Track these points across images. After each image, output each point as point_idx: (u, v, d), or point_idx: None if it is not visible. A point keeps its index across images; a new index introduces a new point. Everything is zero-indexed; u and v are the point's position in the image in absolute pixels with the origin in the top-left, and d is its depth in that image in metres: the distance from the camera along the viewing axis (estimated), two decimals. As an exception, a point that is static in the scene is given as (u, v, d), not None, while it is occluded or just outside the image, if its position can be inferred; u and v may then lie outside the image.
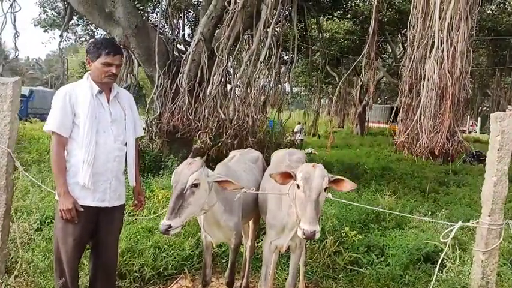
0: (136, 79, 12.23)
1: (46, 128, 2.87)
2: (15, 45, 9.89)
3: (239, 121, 7.87)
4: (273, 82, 9.27)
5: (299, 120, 19.54)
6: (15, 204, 4.34)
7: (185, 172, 2.77)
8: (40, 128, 2.89)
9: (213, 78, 7.90)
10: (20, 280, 3.38)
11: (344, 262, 4.49)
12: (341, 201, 3.73)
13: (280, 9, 8.21)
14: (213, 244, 3.49)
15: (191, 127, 7.94)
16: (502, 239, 3.22)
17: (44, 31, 16.75)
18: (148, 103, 9.30)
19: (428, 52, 6.19)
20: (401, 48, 23.81)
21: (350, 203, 4.34)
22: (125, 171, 3.11)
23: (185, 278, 4.13)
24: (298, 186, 2.78)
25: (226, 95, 8.68)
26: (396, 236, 5.19)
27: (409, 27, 6.87)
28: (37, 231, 4.29)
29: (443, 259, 3.37)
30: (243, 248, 4.24)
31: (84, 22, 15.80)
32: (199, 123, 7.89)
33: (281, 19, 9.72)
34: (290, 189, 2.95)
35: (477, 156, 14.74)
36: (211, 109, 7.80)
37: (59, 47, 11.22)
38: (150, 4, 14.15)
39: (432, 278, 3.32)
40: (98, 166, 2.87)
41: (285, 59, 14.61)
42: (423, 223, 5.54)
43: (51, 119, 2.85)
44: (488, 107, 34.35)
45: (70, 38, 17.77)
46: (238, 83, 8.71)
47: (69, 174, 2.86)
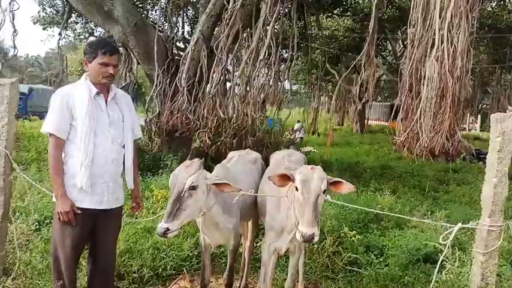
0: (135, 78, 12.19)
1: (44, 130, 2.86)
2: (13, 43, 9.88)
3: (238, 120, 7.86)
4: (273, 80, 9.24)
5: (299, 118, 19.51)
6: (13, 204, 4.32)
7: (183, 175, 2.76)
8: (39, 126, 2.89)
9: (212, 76, 7.88)
10: (18, 282, 3.36)
11: (343, 262, 4.48)
12: (339, 203, 3.70)
13: (279, 7, 8.17)
14: (212, 246, 3.48)
15: (190, 126, 7.91)
16: (502, 240, 3.20)
17: (43, 29, 16.75)
18: (147, 102, 9.27)
19: (428, 51, 6.17)
20: (401, 45, 23.78)
21: (348, 205, 4.32)
22: (123, 173, 3.09)
23: (184, 279, 4.12)
24: (296, 188, 2.77)
25: (225, 94, 8.68)
26: (395, 236, 5.19)
27: (409, 26, 6.84)
28: (35, 232, 4.26)
29: (442, 260, 3.35)
30: (242, 249, 4.23)
31: (83, 20, 15.78)
32: (198, 122, 7.87)
33: (280, 17, 9.69)
34: (289, 191, 2.93)
35: (477, 154, 14.71)
36: (210, 108, 7.78)
37: (58, 45, 11.19)
38: (149, 2, 14.12)
39: (432, 279, 3.30)
40: (96, 168, 2.85)
41: (285, 57, 14.59)
42: (423, 222, 5.53)
43: (49, 121, 2.83)
44: (488, 105, 34.28)
45: (69, 36, 17.80)
46: (237, 82, 8.68)
47: (66, 176, 2.84)
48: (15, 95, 3.27)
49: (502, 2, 16.99)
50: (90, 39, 16.75)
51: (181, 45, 11.31)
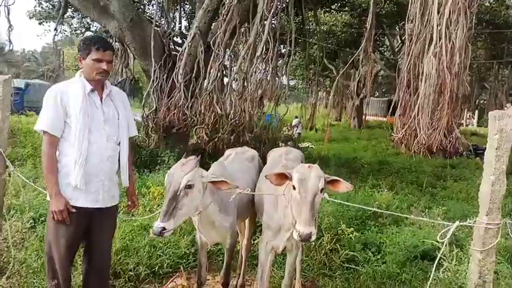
0: (131, 73, 12.12)
1: (37, 128, 2.82)
2: (9, 38, 9.80)
3: (236, 116, 7.81)
4: (270, 76, 9.19)
5: (296, 114, 19.47)
6: (8, 202, 4.29)
7: (178, 173, 2.73)
8: (36, 122, 2.82)
9: (210, 72, 7.83)
10: (13, 281, 3.33)
11: (341, 260, 4.47)
12: (337, 201, 3.68)
13: (277, 2, 8.10)
14: (208, 244, 3.46)
15: (187, 122, 7.87)
16: (499, 237, 3.19)
17: (39, 23, 16.65)
18: (144, 97, 9.22)
19: (426, 47, 6.13)
20: (399, 41, 23.73)
21: (346, 203, 4.30)
22: (119, 171, 3.06)
23: (181, 277, 4.09)
24: (294, 187, 2.74)
25: (222, 90, 8.62)
26: (393, 233, 5.18)
27: (407, 21, 6.81)
28: (30, 229, 4.23)
29: (440, 258, 3.33)
30: (239, 246, 4.21)
31: (79, 15, 15.67)
32: (195, 118, 7.83)
33: (278, 12, 9.61)
34: (286, 190, 2.90)
35: (474, 149, 14.72)
36: (207, 104, 7.73)
37: (54, 41, 11.09)
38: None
39: (429, 277, 3.29)
40: (91, 166, 2.82)
41: (282, 52, 14.52)
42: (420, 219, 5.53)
43: (42, 119, 2.79)
44: (485, 100, 34.28)
45: (65, 31, 17.68)
46: (235, 77, 8.64)
47: (60, 174, 2.81)
48: (8, 92, 3.23)
49: (500, -2, 16.97)
50: (86, 34, 16.66)
51: (178, 40, 11.21)
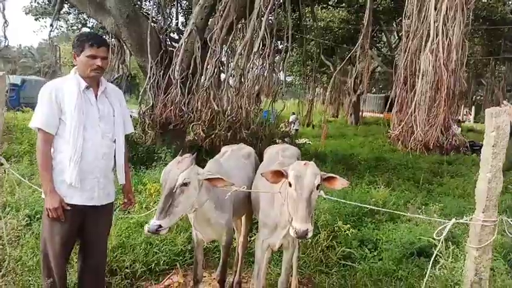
0: (128, 69, 12.05)
1: (32, 125, 2.80)
2: (4, 34, 9.72)
3: (233, 112, 7.79)
4: (267, 72, 9.16)
5: (293, 110, 19.43)
6: (3, 199, 4.26)
7: (174, 171, 2.72)
8: (32, 118, 2.81)
9: (206, 68, 7.80)
10: (8, 279, 3.31)
11: (337, 257, 4.48)
12: (333, 199, 3.68)
13: (274, -2, 8.08)
14: (204, 241, 3.45)
15: (184, 119, 7.84)
16: (496, 234, 3.19)
17: (35, 19, 16.52)
18: (140, 94, 9.18)
19: (423, 44, 6.12)
20: (396, 37, 23.71)
21: (343, 201, 4.30)
22: (114, 168, 3.04)
23: (177, 274, 4.08)
24: (290, 184, 2.74)
25: (219, 86, 8.59)
26: (390, 230, 5.19)
27: (405, 17, 6.79)
28: (26, 227, 4.20)
29: (436, 255, 3.33)
30: (236, 243, 4.20)
31: (75, 11, 15.56)
32: (192, 114, 7.80)
33: (275, 8, 9.57)
34: (282, 187, 2.90)
35: (471, 146, 14.75)
36: (204, 100, 7.71)
37: (50, 37, 11.02)
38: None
39: (425, 274, 3.29)
40: (86, 164, 2.80)
41: (279, 49, 14.49)
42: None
43: (37, 116, 2.78)
44: (482, 96, 34.33)
45: (62, 27, 17.57)
46: (231, 74, 8.60)
47: (55, 172, 2.79)
48: (2, 89, 3.21)
49: (497, -6, 16.94)
50: (83, 30, 16.56)
51: (175, 36, 11.17)
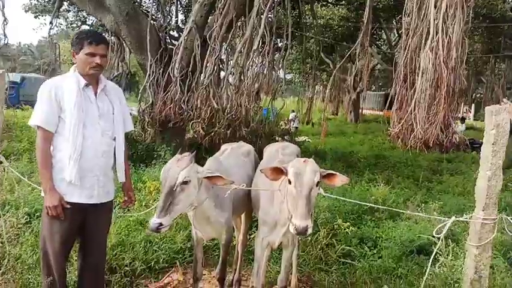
0: (127, 67, 12.04)
1: (31, 123, 2.80)
2: (3, 31, 9.70)
3: (232, 110, 7.79)
4: (267, 70, 9.16)
5: (293, 108, 19.42)
6: (2, 197, 4.26)
7: (174, 169, 2.72)
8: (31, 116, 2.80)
9: (206, 66, 7.78)
10: (7, 277, 3.31)
11: (337, 255, 4.47)
12: (333, 196, 3.68)
13: (273, -5, 8.07)
14: (204, 239, 3.45)
15: (184, 116, 7.83)
16: (495, 232, 3.19)
17: (35, 17, 16.50)
18: (140, 92, 9.17)
19: (423, 41, 6.11)
20: (396, 35, 23.67)
21: (342, 199, 4.29)
22: (114, 166, 3.04)
23: (177, 272, 4.09)
24: (289, 181, 2.74)
25: (219, 84, 8.58)
26: (389, 228, 5.18)
27: (404, 15, 6.78)
28: (26, 225, 4.19)
29: (436, 253, 3.33)
30: (235, 241, 4.20)
31: (75, 8, 15.54)
32: (191, 112, 7.79)
33: (274, 6, 9.57)
34: (281, 185, 2.90)
35: (471, 143, 14.75)
36: (203, 98, 7.70)
37: (49, 34, 11.00)
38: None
39: (425, 272, 3.29)
40: (85, 161, 2.80)
41: (279, 46, 14.47)
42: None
43: (36, 114, 2.78)
44: (482, 94, 34.30)
45: (61, 24, 17.55)
46: (231, 71, 8.59)
47: (55, 170, 2.79)
48: (2, 87, 3.20)
49: (497, -9, 16.88)
50: (82, 27, 16.53)
51: (174, 34, 11.15)
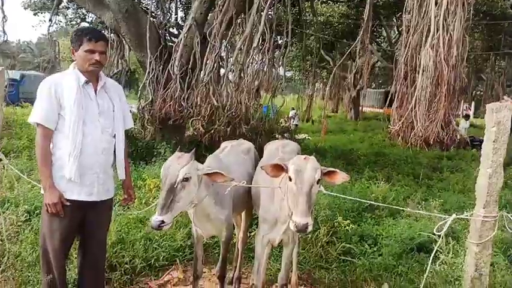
0: (127, 65, 12.01)
1: (31, 120, 2.79)
2: (3, 29, 9.68)
3: (232, 108, 7.77)
4: (267, 67, 9.14)
5: (293, 105, 19.40)
6: (2, 195, 4.25)
7: (175, 166, 2.71)
8: (31, 113, 2.79)
9: (206, 63, 7.77)
10: (7, 274, 3.31)
11: (337, 252, 4.47)
12: (333, 194, 3.67)
13: (273, -8, 8.04)
14: (204, 237, 3.45)
15: (183, 114, 7.81)
16: (496, 230, 3.18)
17: (34, 14, 16.46)
18: (140, 89, 9.15)
19: (424, 39, 6.09)
20: (396, 32, 23.63)
21: (342, 196, 4.29)
22: (114, 163, 3.03)
23: (177, 270, 4.09)
24: (290, 178, 2.73)
25: (219, 81, 8.56)
26: (390, 225, 5.19)
27: (405, 12, 6.76)
28: (25, 222, 4.19)
29: (436, 250, 3.33)
30: (235, 239, 4.20)
31: (74, 5, 15.50)
32: (191, 110, 7.77)
33: (274, 3, 9.53)
34: (282, 182, 2.89)
35: (471, 141, 14.75)
36: (203, 95, 7.68)
37: (49, 31, 10.96)
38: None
39: (425, 269, 3.29)
40: (85, 159, 2.79)
41: (279, 43, 14.44)
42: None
43: (36, 111, 2.77)
44: (482, 91, 34.28)
45: (61, 22, 17.50)
46: (231, 69, 8.57)
47: (55, 167, 2.78)
48: (2, 84, 3.19)
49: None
50: (82, 24, 16.49)
51: (174, 31, 11.13)
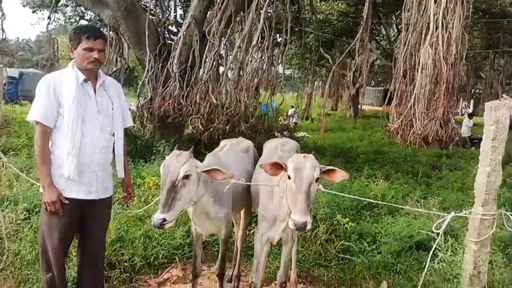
0: (126, 62, 11.97)
1: (30, 118, 2.79)
2: (1, 27, 9.66)
3: (231, 106, 7.77)
4: (266, 65, 9.13)
5: (292, 103, 19.40)
6: (1, 193, 4.25)
7: (175, 164, 2.71)
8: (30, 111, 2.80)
9: (205, 61, 7.76)
10: (7, 273, 3.31)
11: (336, 250, 4.48)
12: (332, 192, 3.67)
13: (273, -10, 8.03)
14: (203, 235, 3.45)
15: (183, 112, 7.80)
16: (494, 228, 3.19)
17: (33, 12, 16.39)
18: (139, 87, 9.14)
19: (423, 37, 6.09)
20: (395, 30, 23.61)
21: (341, 194, 4.29)
22: (113, 162, 3.03)
23: (176, 268, 4.10)
24: (289, 177, 2.73)
25: (218, 79, 8.55)
26: (388, 223, 5.19)
27: (404, 10, 6.75)
28: (25, 221, 4.19)
29: (435, 248, 3.34)
30: (235, 237, 4.20)
31: (73, 3, 15.45)
32: (190, 108, 7.76)
33: (274, 1, 9.52)
34: (281, 180, 2.89)
35: (470, 139, 14.78)
36: (202, 93, 7.67)
37: (47, 29, 10.92)
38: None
39: (424, 267, 3.30)
40: (84, 157, 2.79)
41: (278, 42, 14.43)
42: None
43: (35, 109, 2.76)
44: (481, 89, 34.30)
45: (59, 19, 17.43)
46: (230, 67, 8.56)
47: (53, 165, 2.78)
48: (0, 82, 3.19)
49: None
50: (80, 22, 16.44)
51: (173, 29, 11.09)
